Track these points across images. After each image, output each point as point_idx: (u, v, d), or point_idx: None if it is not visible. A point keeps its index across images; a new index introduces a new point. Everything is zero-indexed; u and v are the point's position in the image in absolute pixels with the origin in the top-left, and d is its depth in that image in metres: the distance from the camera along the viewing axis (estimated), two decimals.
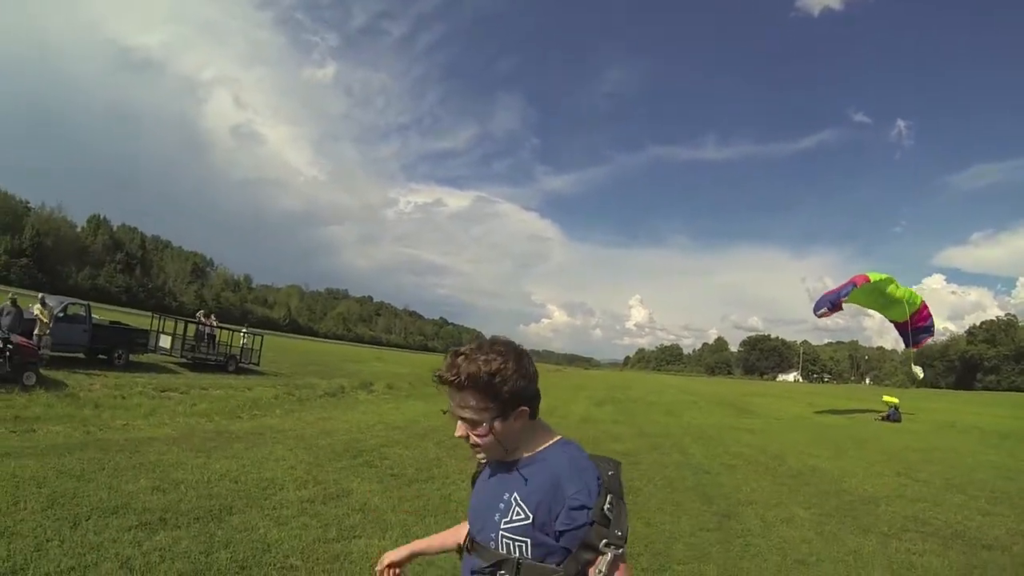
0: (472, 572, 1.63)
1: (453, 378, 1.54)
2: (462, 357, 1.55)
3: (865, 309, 27.03)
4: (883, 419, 26.07)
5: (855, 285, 24.14)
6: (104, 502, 5.68)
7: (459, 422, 1.59)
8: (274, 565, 4.72)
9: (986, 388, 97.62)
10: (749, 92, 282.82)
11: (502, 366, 1.54)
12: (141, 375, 16.56)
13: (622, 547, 1.46)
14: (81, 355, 17.58)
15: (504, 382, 1.53)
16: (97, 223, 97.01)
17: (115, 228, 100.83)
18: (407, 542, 5.58)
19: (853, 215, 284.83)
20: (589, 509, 1.48)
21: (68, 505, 5.45)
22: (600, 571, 1.44)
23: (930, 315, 25.63)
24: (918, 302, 25.08)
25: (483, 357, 1.54)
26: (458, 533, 1.92)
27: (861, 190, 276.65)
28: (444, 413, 1.92)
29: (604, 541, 1.45)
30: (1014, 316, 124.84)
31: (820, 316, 25.96)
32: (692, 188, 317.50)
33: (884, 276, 24.56)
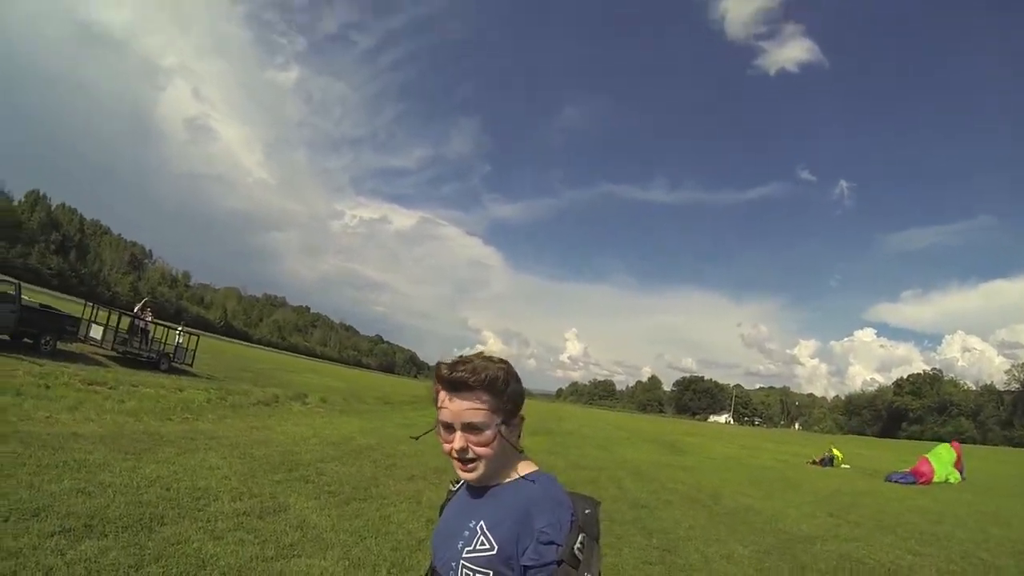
0: None
1: (471, 377, 1.45)
2: (476, 363, 1.47)
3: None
4: (814, 463, 26.68)
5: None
6: (24, 503, 5.17)
7: (457, 433, 1.46)
8: None
9: (910, 437, 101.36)
10: (702, 140, 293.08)
11: (508, 369, 1.52)
12: (68, 365, 15.52)
13: None
14: (6, 337, 16.41)
15: (508, 384, 1.50)
16: (35, 199, 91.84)
17: (53, 207, 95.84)
18: (348, 564, 5.28)
19: (792, 266, 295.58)
20: (559, 546, 1.35)
21: None
22: None
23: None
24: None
25: (492, 362, 1.50)
26: None
27: (801, 243, 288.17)
28: (415, 439, 1.84)
29: None
30: (939, 371, 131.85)
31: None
32: (638, 228, 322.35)
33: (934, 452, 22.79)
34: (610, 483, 13.54)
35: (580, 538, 1.37)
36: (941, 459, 21.80)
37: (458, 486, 1.69)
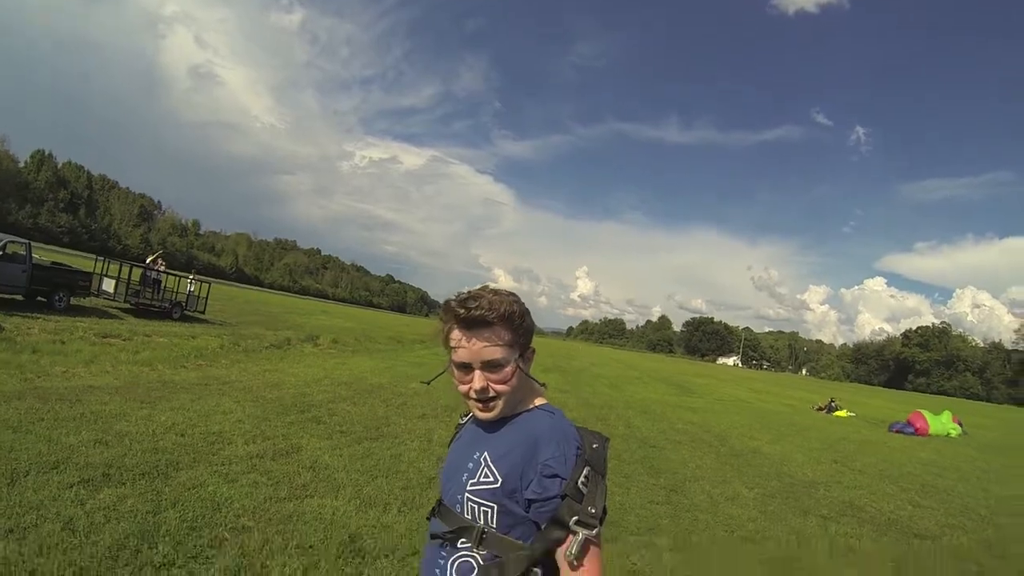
0: (432, 536, 1.50)
1: (489, 313, 1.40)
2: (489, 298, 1.43)
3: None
4: (819, 409, 26.93)
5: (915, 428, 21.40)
6: (44, 456, 5.31)
7: (476, 373, 1.42)
8: (225, 525, 4.49)
9: (916, 390, 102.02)
10: (716, 80, 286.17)
11: (519, 300, 1.49)
12: (82, 319, 15.71)
13: (595, 528, 1.31)
14: (19, 297, 16.54)
15: (523, 316, 1.48)
16: (41, 158, 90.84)
17: (60, 165, 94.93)
18: (359, 503, 5.42)
19: (805, 210, 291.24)
20: (562, 480, 1.34)
21: (5, 459, 5.06)
22: (570, 553, 1.29)
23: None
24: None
25: (503, 296, 1.46)
26: None
27: (816, 188, 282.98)
28: (427, 383, 1.82)
29: (575, 519, 1.30)
30: (948, 324, 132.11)
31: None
32: (650, 167, 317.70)
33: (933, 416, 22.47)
34: (619, 422, 13.72)
35: (585, 471, 1.35)
36: (939, 419, 21.82)
37: (466, 419, 1.67)
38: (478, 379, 1.42)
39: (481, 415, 1.47)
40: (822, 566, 5.90)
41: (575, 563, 1.30)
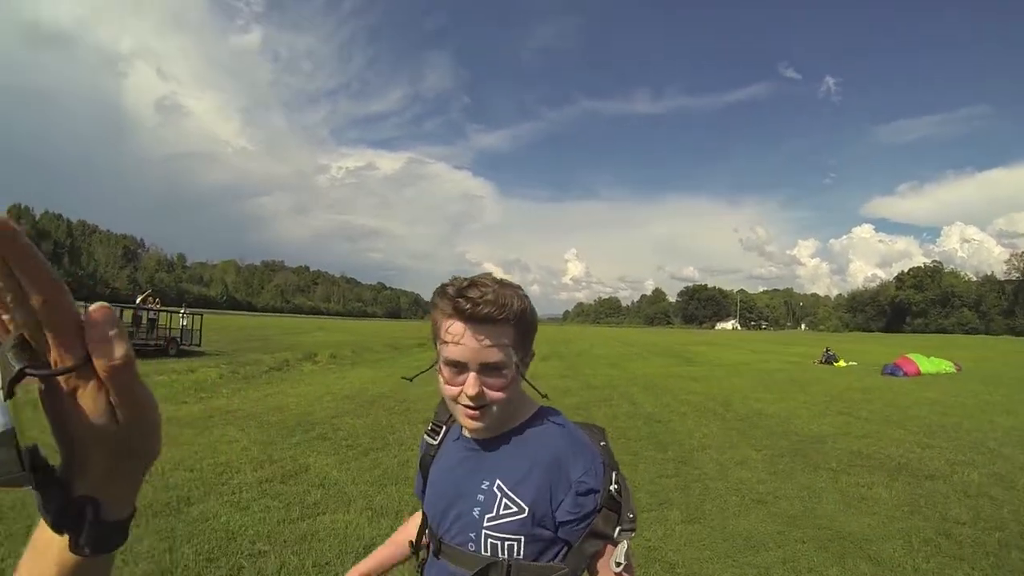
0: None
1: (498, 311, 1.17)
2: (496, 291, 1.18)
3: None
4: (821, 363, 26.88)
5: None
6: None
7: (471, 375, 1.19)
8: (242, 553, 4.50)
9: (915, 331, 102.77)
10: (680, 46, 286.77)
11: (527, 296, 1.27)
12: None
13: (634, 531, 1.23)
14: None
15: (531, 314, 1.27)
16: (18, 213, 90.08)
17: (38, 217, 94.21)
18: (371, 514, 5.39)
19: (784, 167, 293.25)
20: (597, 493, 1.23)
21: (18, 515, 5.06)
22: (618, 563, 1.20)
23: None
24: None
25: (509, 288, 1.23)
26: (403, 535, 1.61)
27: (791, 142, 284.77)
28: (410, 380, 1.44)
29: (619, 529, 1.21)
30: (939, 263, 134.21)
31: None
32: (623, 141, 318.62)
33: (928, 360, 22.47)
34: (623, 400, 13.60)
35: (614, 477, 1.27)
36: (933, 361, 21.84)
37: (440, 437, 1.45)
38: (472, 383, 1.19)
39: (469, 424, 1.25)
40: (837, 518, 5.88)
41: (623, 572, 1.21)
